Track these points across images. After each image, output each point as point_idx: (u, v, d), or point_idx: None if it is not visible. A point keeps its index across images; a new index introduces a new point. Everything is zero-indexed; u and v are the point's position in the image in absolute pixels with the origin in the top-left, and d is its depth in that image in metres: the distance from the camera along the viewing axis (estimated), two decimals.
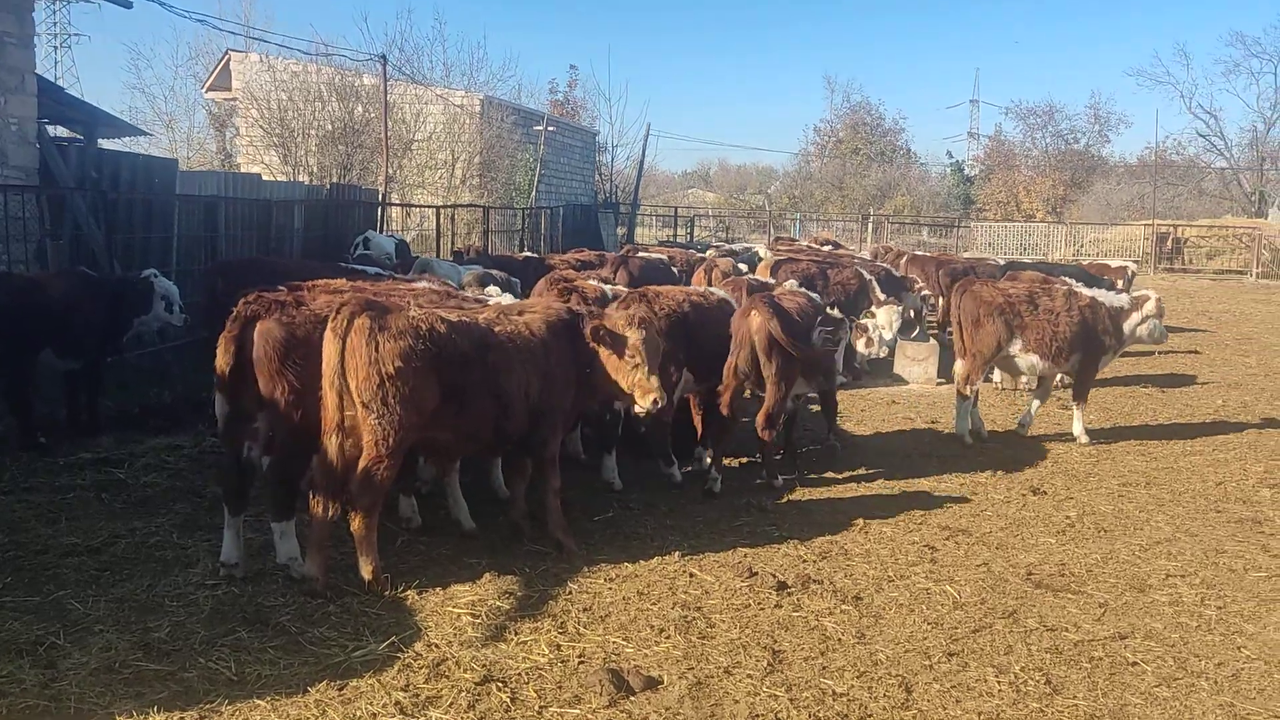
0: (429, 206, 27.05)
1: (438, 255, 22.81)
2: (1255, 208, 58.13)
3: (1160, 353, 17.36)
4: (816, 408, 11.04)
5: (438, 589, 6.49)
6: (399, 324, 6.18)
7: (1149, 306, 11.36)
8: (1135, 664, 5.77)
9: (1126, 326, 11.37)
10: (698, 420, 9.94)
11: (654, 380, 7.07)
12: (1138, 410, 13.50)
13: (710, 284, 13.69)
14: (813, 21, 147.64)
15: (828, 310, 10.24)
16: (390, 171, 27.38)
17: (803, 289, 11.18)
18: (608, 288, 10.72)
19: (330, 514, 6.19)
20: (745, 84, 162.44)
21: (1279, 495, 9.38)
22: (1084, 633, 6.17)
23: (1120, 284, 18.09)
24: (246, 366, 6.38)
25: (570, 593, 6.56)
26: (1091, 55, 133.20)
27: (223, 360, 6.43)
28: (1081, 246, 46.89)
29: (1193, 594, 6.86)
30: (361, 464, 6.16)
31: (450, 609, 6.19)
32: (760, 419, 9.11)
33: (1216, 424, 12.62)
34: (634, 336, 7.02)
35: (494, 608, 6.24)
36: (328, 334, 6.09)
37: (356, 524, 6.24)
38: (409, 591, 6.39)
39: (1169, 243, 44.49)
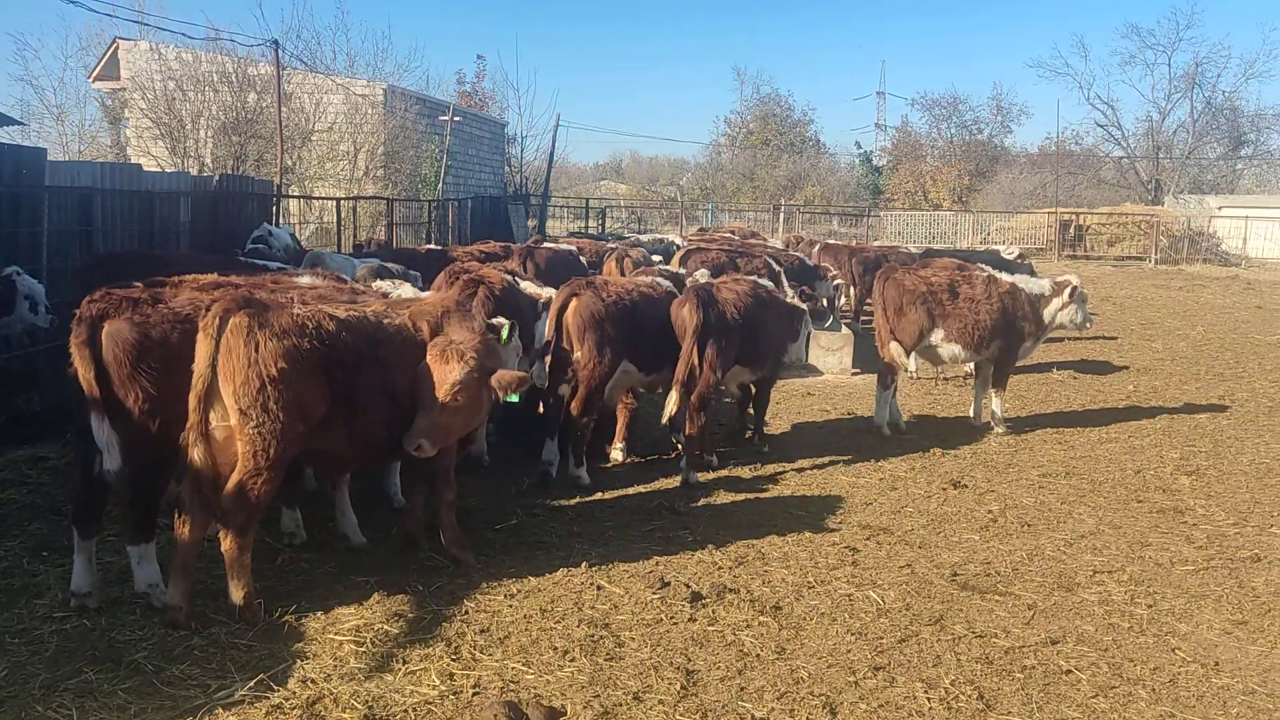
0: (329, 199, 26.05)
1: (339, 248, 21.98)
2: (1152, 195, 59.65)
3: (1069, 339, 17.38)
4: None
5: (319, 613, 5.88)
6: (282, 322, 5.56)
7: (1070, 292, 11.18)
8: (1069, 672, 5.43)
9: (1047, 313, 11.18)
10: (622, 420, 9.68)
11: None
12: (1051, 397, 13.38)
13: (622, 274, 13.29)
14: (721, 12, 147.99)
15: (792, 300, 10.40)
16: (289, 163, 26.30)
17: (750, 277, 10.89)
18: (527, 284, 10.18)
19: (198, 533, 5.54)
20: (656, 75, 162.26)
21: (1197, 483, 9.25)
22: (1014, 639, 5.82)
23: None
24: (105, 370, 5.68)
25: (466, 612, 6.01)
26: (994, 47, 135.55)
27: (83, 368, 5.72)
28: (988, 234, 47.50)
29: (1122, 592, 6.58)
30: (235, 478, 5.51)
31: (332, 636, 5.60)
32: (694, 402, 8.81)
33: (1130, 410, 12.55)
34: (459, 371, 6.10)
35: (381, 632, 5.66)
36: (199, 334, 5.43)
37: (228, 545, 5.59)
38: (287, 618, 5.77)
39: (1071, 230, 45.35)
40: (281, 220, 21.79)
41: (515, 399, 6.47)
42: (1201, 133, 65.44)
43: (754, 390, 10.32)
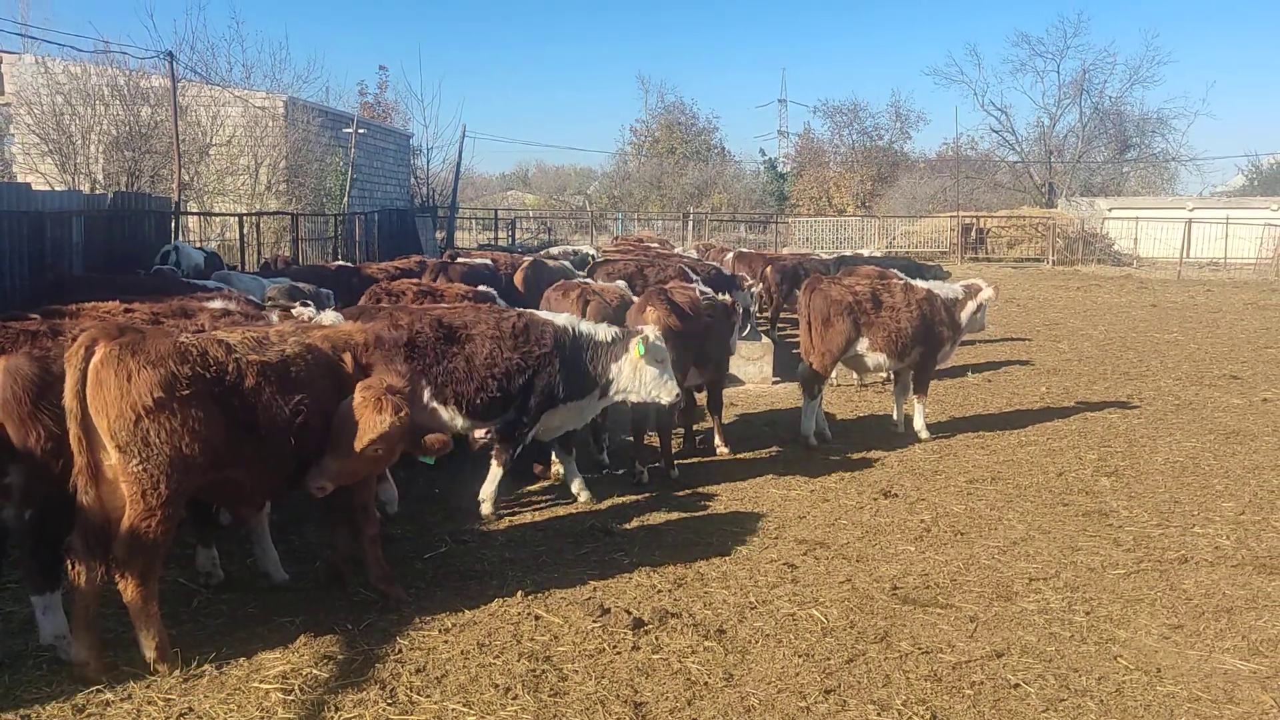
0: (231, 215, 25.31)
1: (243, 266, 21.35)
2: (1046, 199, 61.39)
3: (980, 341, 17.68)
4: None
5: (242, 659, 5.55)
6: (158, 349, 5.19)
7: (983, 295, 11.34)
8: (1017, 686, 5.40)
9: (963, 316, 11.31)
10: None
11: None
12: (969, 401, 13.55)
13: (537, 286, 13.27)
14: (624, 20, 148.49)
15: (719, 298, 10.63)
16: (186, 178, 25.47)
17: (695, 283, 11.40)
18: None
19: (95, 582, 5.16)
20: (560, 84, 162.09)
21: (1118, 484, 9.40)
22: (960, 653, 5.77)
23: None
24: None
25: (400, 651, 5.74)
26: (891, 56, 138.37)
27: None
28: (894, 239, 48.39)
29: (1059, 599, 6.60)
30: (126, 521, 5.14)
31: (257, 684, 5.28)
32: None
33: (1045, 411, 12.77)
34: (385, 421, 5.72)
35: (311, 678, 5.36)
36: (66, 366, 5.06)
37: (129, 593, 5.22)
38: (206, 667, 5.42)
39: (973, 233, 46.43)
40: (181, 238, 21.06)
41: (430, 462, 6.26)
42: (1090, 137, 67.62)
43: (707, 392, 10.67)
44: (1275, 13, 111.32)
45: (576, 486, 8.80)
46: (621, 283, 11.95)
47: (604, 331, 8.37)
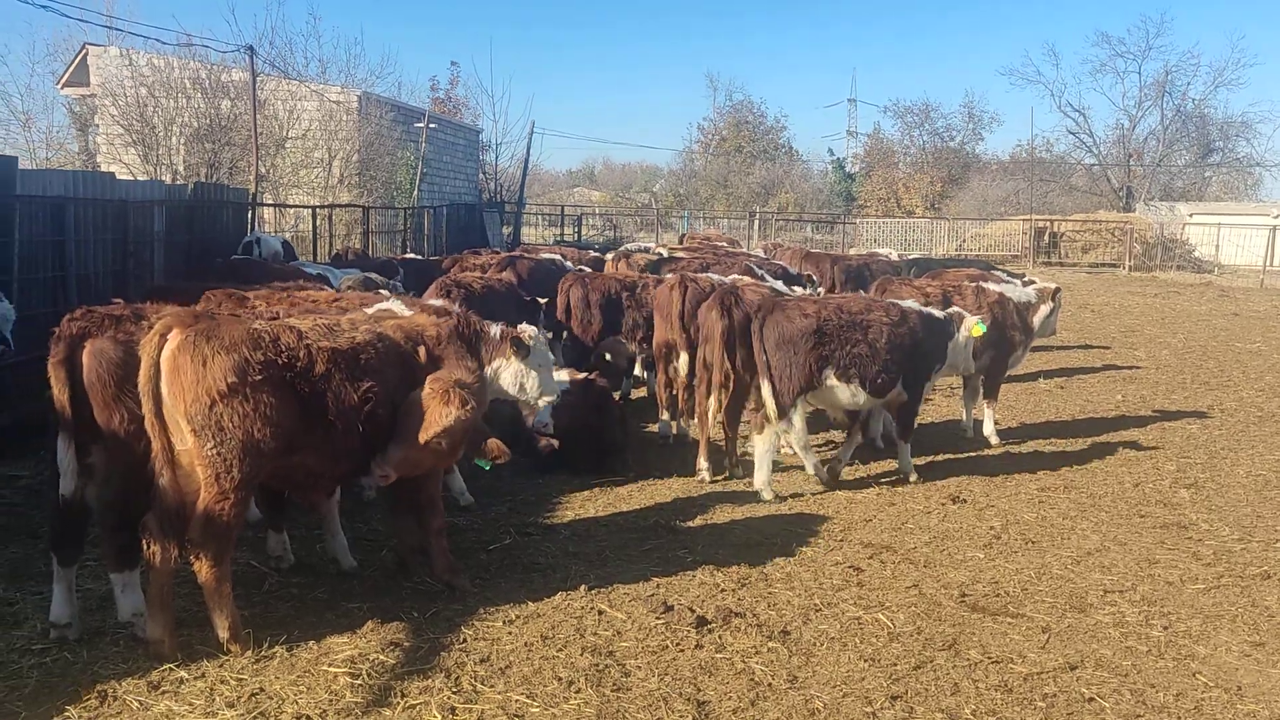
0: (305, 207, 25.71)
1: (314, 257, 21.68)
2: (1123, 203, 60.05)
3: (1054, 346, 17.35)
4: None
5: (311, 643, 5.64)
6: (231, 334, 5.29)
7: (1057, 298, 11.15)
8: (1092, 700, 5.27)
9: (1035, 320, 11.11)
10: None
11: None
12: (1041, 407, 13.30)
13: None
14: (693, 19, 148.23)
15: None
16: (263, 170, 25.95)
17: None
18: None
19: (169, 562, 5.27)
20: (629, 82, 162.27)
21: (1197, 496, 9.14)
22: (1031, 664, 5.65)
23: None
24: (80, 393, 5.42)
25: (465, 640, 5.77)
26: (965, 55, 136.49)
27: (56, 388, 5.46)
28: (963, 241, 47.69)
29: (1135, 613, 6.43)
30: (201, 503, 5.25)
31: (326, 668, 5.35)
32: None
33: (1120, 420, 12.47)
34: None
35: (377, 663, 5.42)
36: (142, 353, 5.17)
37: (204, 574, 5.34)
38: (277, 648, 5.52)
39: (1046, 237, 45.57)
40: (254, 229, 21.45)
41: (487, 466, 6.29)
42: (1172, 140, 65.91)
43: None
44: None
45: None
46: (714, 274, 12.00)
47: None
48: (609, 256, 16.87)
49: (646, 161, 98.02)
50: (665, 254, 19.29)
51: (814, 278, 18.42)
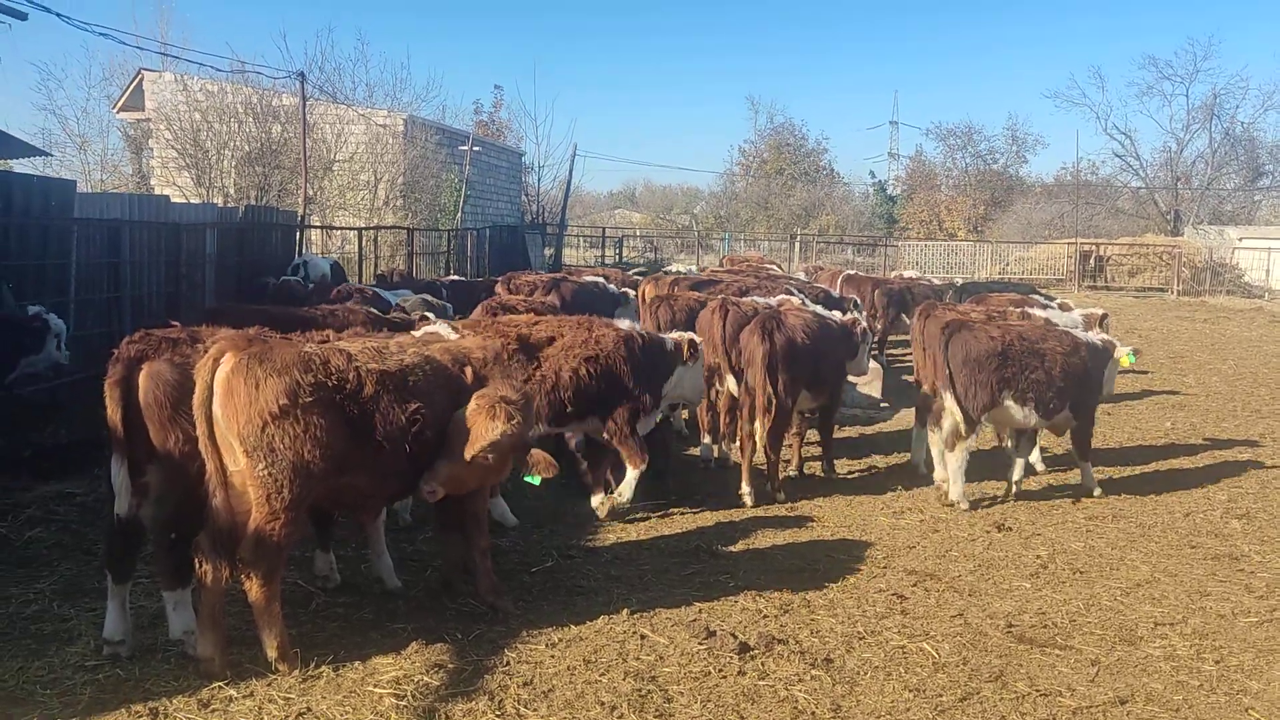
0: (351, 229, 26.07)
1: (360, 279, 21.95)
2: (1171, 226, 59.30)
3: None
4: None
5: (357, 663, 5.69)
6: (283, 357, 5.39)
7: (1104, 324, 11.07)
8: None
9: None
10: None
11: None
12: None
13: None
14: (735, 41, 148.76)
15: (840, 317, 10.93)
16: (310, 193, 26.36)
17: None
18: None
19: (220, 581, 5.36)
20: (670, 104, 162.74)
21: (1249, 527, 8.99)
22: (1080, 697, 5.58)
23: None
24: (135, 414, 5.55)
25: (508, 662, 5.81)
26: (1009, 78, 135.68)
27: (112, 408, 5.59)
28: (1007, 265, 47.27)
29: (1186, 646, 6.33)
30: (252, 523, 5.34)
31: (371, 689, 5.40)
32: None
33: (1170, 448, 12.30)
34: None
35: (422, 685, 5.47)
36: (196, 376, 5.28)
37: (254, 593, 5.42)
38: (323, 668, 5.58)
39: (1091, 261, 45.07)
40: (303, 251, 21.79)
41: (535, 480, 6.32)
42: (1220, 163, 65.07)
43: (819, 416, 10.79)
44: None
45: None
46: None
47: None
48: (644, 279, 16.91)
49: (687, 183, 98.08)
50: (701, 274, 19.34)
51: (857, 301, 18.41)
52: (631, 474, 8.82)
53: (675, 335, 9.37)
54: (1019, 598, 7.14)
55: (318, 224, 27.09)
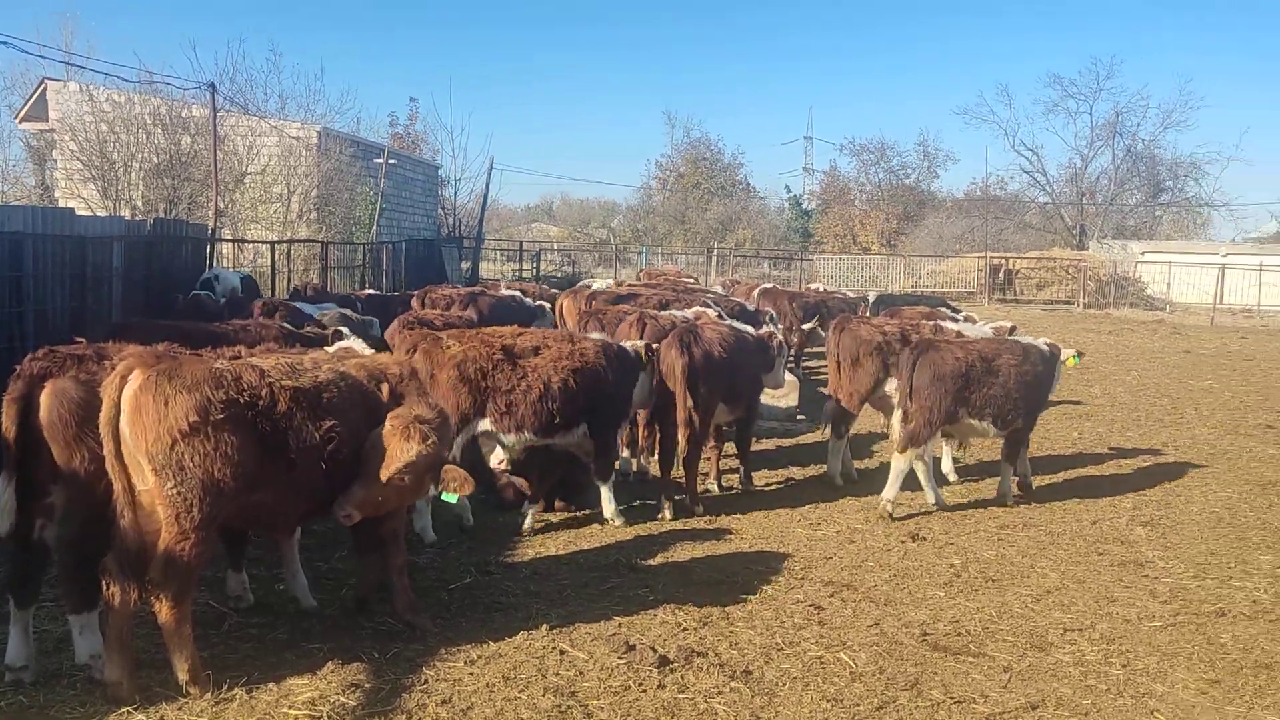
0: (264, 242, 25.62)
1: (273, 293, 21.57)
2: (1076, 240, 61.12)
3: None
4: None
5: (271, 684, 5.57)
6: (193, 374, 5.26)
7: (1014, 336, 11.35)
8: None
9: None
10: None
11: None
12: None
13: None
14: (652, 57, 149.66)
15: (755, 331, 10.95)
16: (221, 205, 25.82)
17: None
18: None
19: (129, 603, 5.21)
20: (587, 119, 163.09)
21: (1153, 533, 9.30)
22: (993, 704, 5.70)
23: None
24: (35, 433, 5.37)
25: (426, 681, 5.74)
26: (920, 95, 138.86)
27: (7, 425, 5.41)
28: (920, 278, 48.27)
29: (1094, 651, 6.52)
30: (162, 544, 5.19)
31: (286, 710, 5.30)
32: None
33: (1077, 457, 12.67)
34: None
35: (338, 705, 5.37)
36: (103, 394, 5.14)
37: (164, 615, 5.27)
38: (236, 690, 5.45)
39: (1001, 274, 46.24)
40: (215, 264, 21.36)
41: (453, 498, 6.27)
42: (1123, 179, 67.36)
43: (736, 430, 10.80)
44: None
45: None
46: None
47: None
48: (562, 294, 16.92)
49: (605, 197, 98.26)
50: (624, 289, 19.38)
51: (773, 314, 18.61)
52: (607, 490, 9.09)
53: (632, 344, 9.51)
54: (933, 606, 7.27)
55: (229, 237, 26.57)
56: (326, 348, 7.81)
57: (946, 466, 11.20)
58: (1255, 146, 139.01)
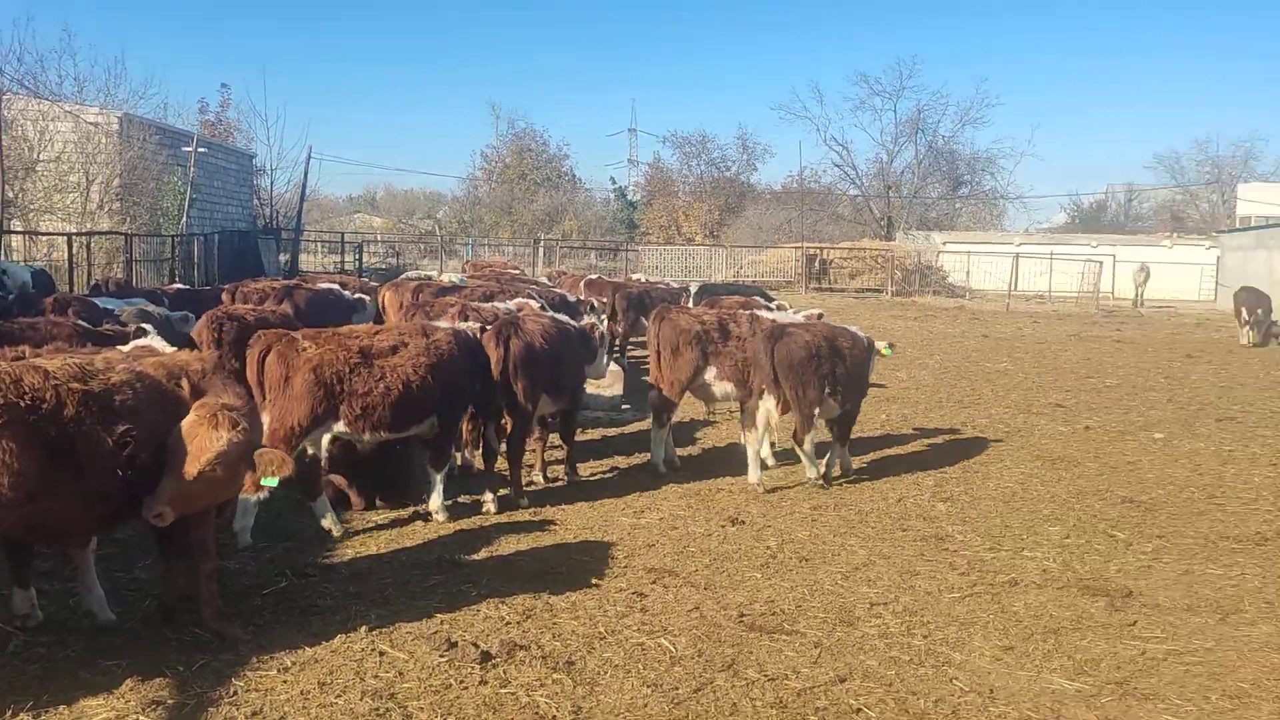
0: (59, 234, 24.07)
1: (72, 288, 20.34)
2: (885, 231, 63.84)
3: None
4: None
5: (63, 707, 5.23)
6: None
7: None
8: (859, 710, 5.54)
9: None
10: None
11: None
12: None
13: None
14: (475, 46, 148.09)
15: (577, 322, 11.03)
16: (10, 195, 24.10)
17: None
18: None
19: None
20: (410, 108, 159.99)
21: (953, 509, 9.80)
22: (804, 679, 5.89)
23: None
24: None
25: (235, 692, 5.50)
26: (738, 89, 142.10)
27: None
28: (741, 268, 49.45)
29: (898, 623, 6.82)
30: None
31: None
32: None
33: (885, 438, 13.22)
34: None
35: None
36: None
37: None
38: (22, 716, 5.10)
39: (816, 264, 47.89)
40: (4, 257, 19.94)
41: (273, 483, 6.05)
42: (925, 174, 70.86)
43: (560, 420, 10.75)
44: (1092, 64, 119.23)
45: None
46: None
47: None
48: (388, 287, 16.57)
49: (430, 188, 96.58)
50: (457, 280, 19.14)
51: (594, 304, 18.70)
52: (439, 479, 9.00)
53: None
54: (750, 588, 7.46)
55: (19, 229, 24.84)
56: (121, 346, 7.38)
57: (765, 451, 11.48)
58: (1046, 142, 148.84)
